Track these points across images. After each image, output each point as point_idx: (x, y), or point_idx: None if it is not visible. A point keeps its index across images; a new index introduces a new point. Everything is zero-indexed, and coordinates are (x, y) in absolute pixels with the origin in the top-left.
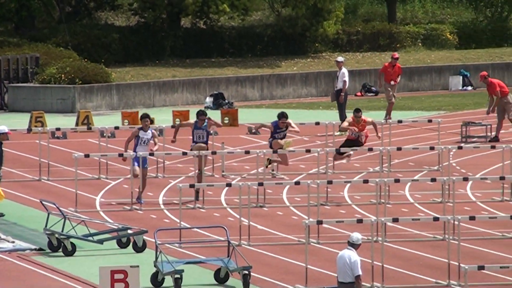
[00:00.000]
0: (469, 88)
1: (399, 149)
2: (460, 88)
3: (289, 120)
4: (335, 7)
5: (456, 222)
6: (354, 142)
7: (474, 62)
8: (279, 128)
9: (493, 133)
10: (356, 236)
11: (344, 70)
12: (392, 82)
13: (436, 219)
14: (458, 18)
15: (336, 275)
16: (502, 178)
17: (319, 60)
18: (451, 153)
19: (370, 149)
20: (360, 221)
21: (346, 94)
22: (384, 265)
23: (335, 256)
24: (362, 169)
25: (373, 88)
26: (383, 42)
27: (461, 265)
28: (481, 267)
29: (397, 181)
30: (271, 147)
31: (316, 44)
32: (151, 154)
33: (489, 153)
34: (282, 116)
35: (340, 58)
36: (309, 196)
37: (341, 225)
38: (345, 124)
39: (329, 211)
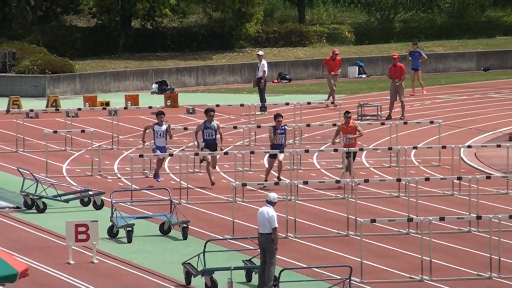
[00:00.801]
0: (364, 76)
1: (308, 125)
2: (356, 76)
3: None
4: (256, 11)
5: (353, 184)
6: (351, 147)
7: (367, 55)
8: (277, 129)
9: (384, 112)
10: (273, 195)
11: (264, 62)
12: (333, 73)
13: (338, 181)
14: (354, 20)
15: (257, 227)
16: (389, 148)
17: (243, 54)
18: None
19: (285, 125)
20: (277, 183)
21: (265, 81)
22: (296, 219)
23: (257, 212)
24: None
25: (287, 76)
26: (295, 39)
27: (357, 218)
28: (373, 220)
29: (306, 151)
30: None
31: (241, 41)
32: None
33: (379, 128)
34: (278, 116)
35: (260, 52)
36: (236, 164)
37: (262, 187)
38: (336, 134)
39: (252, 175)
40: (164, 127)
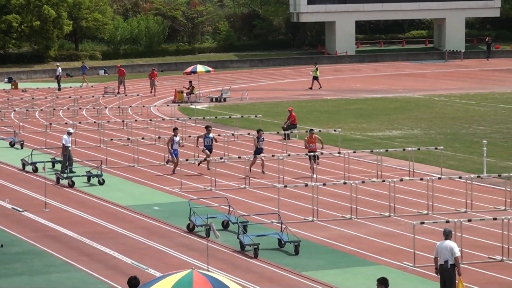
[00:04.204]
0: (106, 74)
1: (93, 96)
2: (103, 74)
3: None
4: (54, 45)
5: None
6: (314, 152)
7: (108, 65)
8: (259, 138)
9: (116, 91)
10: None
11: (60, 68)
12: (152, 79)
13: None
14: (101, 49)
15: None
16: (119, 107)
17: (49, 65)
18: (107, 107)
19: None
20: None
21: (60, 77)
22: (108, 150)
23: None
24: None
25: (70, 74)
26: (73, 58)
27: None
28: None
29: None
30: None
31: (48, 59)
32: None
33: (114, 98)
34: (260, 130)
35: (58, 63)
36: (71, 123)
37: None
38: (305, 144)
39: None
40: (178, 138)
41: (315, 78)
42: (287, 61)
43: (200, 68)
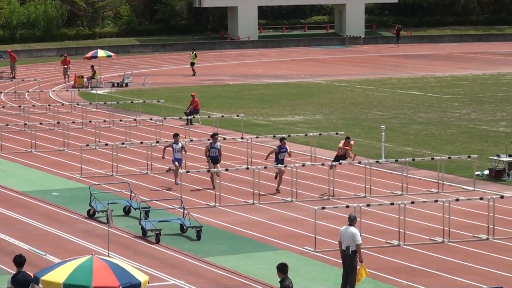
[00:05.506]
0: (2, 59)
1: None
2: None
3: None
4: None
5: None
6: (341, 157)
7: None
8: (282, 148)
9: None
10: None
11: None
12: (66, 66)
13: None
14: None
15: None
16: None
17: None
18: (2, 92)
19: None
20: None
21: None
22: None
23: None
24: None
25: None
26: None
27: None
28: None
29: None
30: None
31: None
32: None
33: (10, 83)
34: (283, 139)
35: None
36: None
37: None
38: (340, 145)
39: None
40: (180, 145)
41: (192, 64)
42: (190, 46)
43: (101, 53)
